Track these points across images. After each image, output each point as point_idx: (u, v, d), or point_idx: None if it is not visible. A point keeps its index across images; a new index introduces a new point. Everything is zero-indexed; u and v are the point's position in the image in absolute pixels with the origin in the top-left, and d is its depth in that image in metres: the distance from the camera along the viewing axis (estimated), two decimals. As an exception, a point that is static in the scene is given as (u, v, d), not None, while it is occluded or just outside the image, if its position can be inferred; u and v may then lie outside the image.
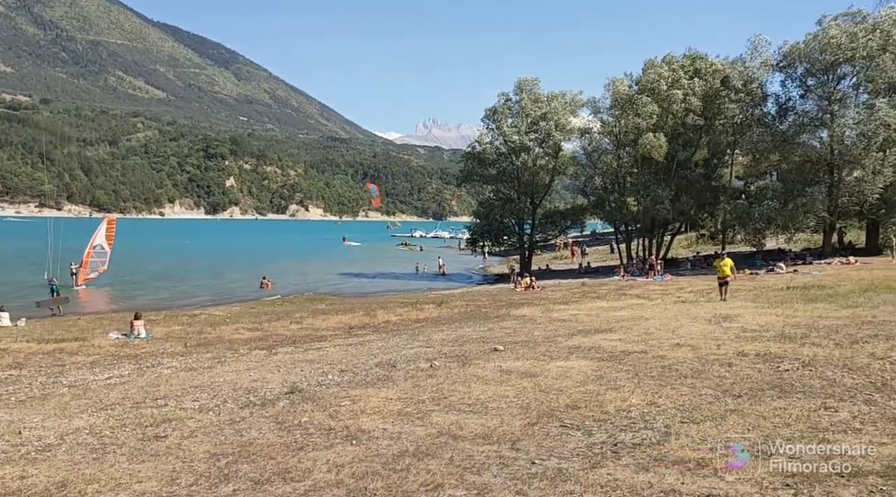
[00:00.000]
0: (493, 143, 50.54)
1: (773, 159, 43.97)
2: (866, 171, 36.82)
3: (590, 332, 15.02)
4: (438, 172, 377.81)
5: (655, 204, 42.67)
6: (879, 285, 22.47)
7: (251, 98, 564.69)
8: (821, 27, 39.02)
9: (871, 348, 10.76)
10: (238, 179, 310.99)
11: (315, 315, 24.59)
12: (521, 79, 50.19)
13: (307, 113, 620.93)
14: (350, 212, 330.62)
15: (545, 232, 53.07)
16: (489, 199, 53.63)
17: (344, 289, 42.92)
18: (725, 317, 16.25)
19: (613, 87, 44.97)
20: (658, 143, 41.24)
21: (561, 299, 26.37)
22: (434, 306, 25.84)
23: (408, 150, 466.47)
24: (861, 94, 38.93)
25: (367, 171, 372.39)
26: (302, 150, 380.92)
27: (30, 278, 40.64)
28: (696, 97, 42.22)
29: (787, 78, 41.45)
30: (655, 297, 25.15)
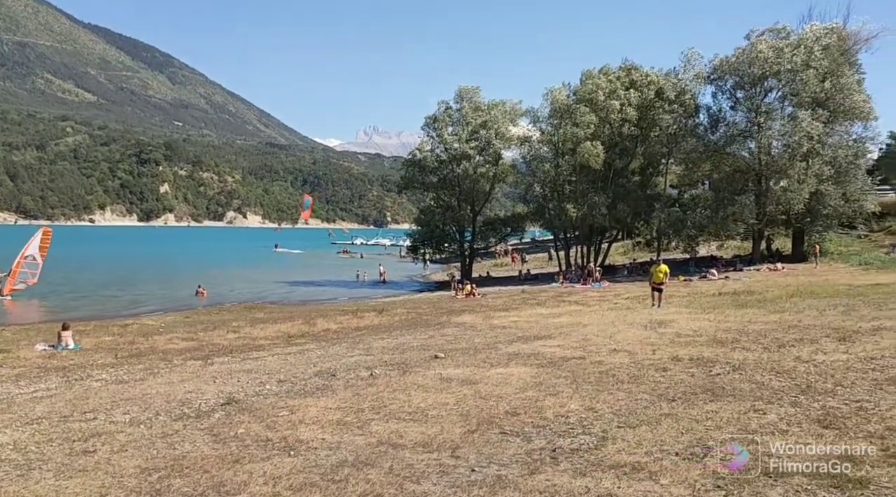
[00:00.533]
0: (434, 151, 50.70)
1: (705, 169, 45.34)
2: (792, 180, 38.27)
3: (529, 338, 15.16)
4: (379, 180, 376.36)
5: (593, 211, 43.47)
6: (804, 291, 23.40)
7: (187, 103, 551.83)
8: (749, 42, 40.51)
9: (797, 352, 11.17)
10: (173, 186, 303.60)
11: (253, 324, 24.15)
12: (462, 87, 50.55)
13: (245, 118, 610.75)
14: (290, 219, 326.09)
15: (486, 239, 53.43)
16: (430, 207, 53.70)
17: (283, 297, 42.26)
18: (661, 322, 16.63)
19: (552, 96, 45.65)
20: (596, 152, 42.04)
21: (501, 306, 26.56)
22: (375, 314, 25.70)
23: (348, 157, 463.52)
24: (786, 107, 40.49)
25: (307, 177, 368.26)
26: (240, 156, 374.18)
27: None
28: (631, 108, 43.23)
29: (717, 90, 42.91)
30: (593, 303, 25.58)
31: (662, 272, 23.02)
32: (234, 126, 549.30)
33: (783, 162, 38.68)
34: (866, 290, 22.38)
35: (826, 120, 38.08)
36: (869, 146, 44.33)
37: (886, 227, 45.13)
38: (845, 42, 41.42)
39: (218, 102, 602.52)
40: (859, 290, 22.57)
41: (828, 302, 19.41)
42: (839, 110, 38.78)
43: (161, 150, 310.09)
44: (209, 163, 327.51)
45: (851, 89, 38.50)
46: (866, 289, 23.05)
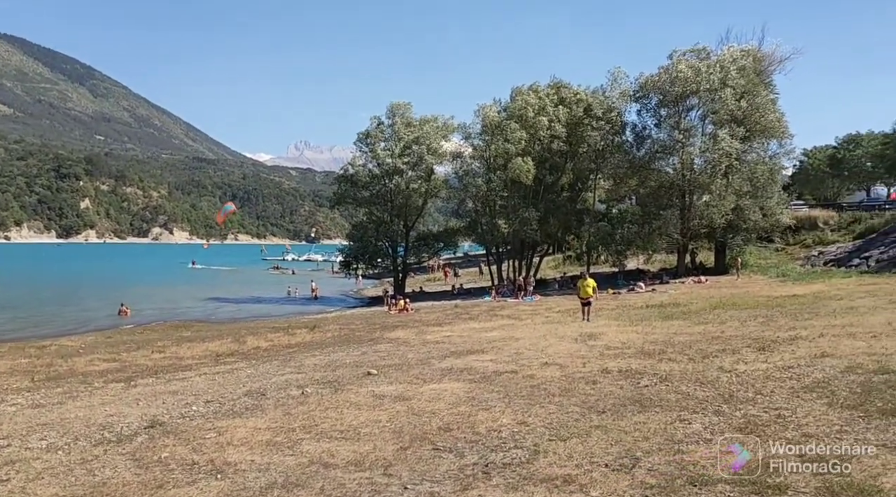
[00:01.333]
0: (367, 166, 50.62)
1: (631, 184, 46.60)
2: (713, 196, 39.72)
3: (462, 353, 15.19)
4: (311, 195, 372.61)
5: (524, 226, 44.10)
6: (726, 303, 24.25)
7: (109, 116, 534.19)
8: (671, 61, 41.96)
9: (720, 362, 11.54)
10: (94, 201, 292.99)
11: (179, 343, 23.42)
12: (394, 103, 50.67)
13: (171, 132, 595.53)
14: (218, 235, 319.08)
15: (419, 254, 53.49)
16: (363, 222, 53.50)
17: (212, 315, 41.19)
18: (591, 335, 16.92)
19: (483, 112, 46.23)
20: (526, 168, 42.72)
21: (434, 321, 26.56)
22: (307, 331, 25.32)
23: (279, 172, 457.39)
24: (707, 125, 42.08)
25: (237, 192, 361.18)
26: (166, 170, 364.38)
27: None
28: (560, 124, 44.16)
29: (642, 108, 44.26)
30: (525, 317, 25.86)
31: (590, 286, 22.79)
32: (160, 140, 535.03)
33: (705, 178, 40.13)
34: (784, 302, 23.33)
35: (743, 137, 39.72)
36: (784, 163, 46.57)
37: (801, 240, 47.26)
38: (760, 63, 43.36)
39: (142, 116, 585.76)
40: (777, 302, 23.51)
41: (748, 313, 20.16)
42: (756, 128, 40.52)
43: (81, 164, 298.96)
44: (133, 177, 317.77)
45: (766, 108, 40.31)
46: (784, 300, 24.04)
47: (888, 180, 64.41)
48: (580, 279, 23.80)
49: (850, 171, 63.46)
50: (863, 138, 63.78)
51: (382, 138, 50.11)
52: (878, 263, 35.94)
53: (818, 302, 22.35)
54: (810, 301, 22.86)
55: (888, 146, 59.45)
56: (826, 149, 67.58)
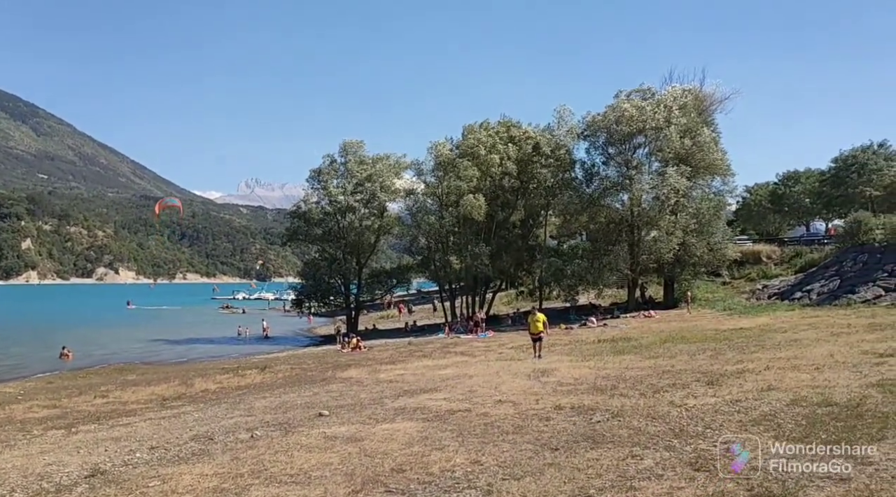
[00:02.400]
0: (319, 203, 50.43)
1: (582, 220, 47.32)
2: (661, 231, 40.60)
3: (416, 392, 15.07)
4: (262, 232, 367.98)
5: (477, 262, 44.33)
6: (676, 337, 24.64)
7: (53, 154, 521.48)
8: (617, 101, 43.10)
9: (671, 397, 11.68)
10: (36, 241, 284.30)
11: (124, 387, 22.70)
12: (346, 141, 50.82)
13: (118, 171, 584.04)
14: (166, 274, 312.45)
15: (372, 291, 53.15)
16: (315, 259, 53.12)
17: (159, 357, 40.10)
18: (543, 371, 16.97)
19: (436, 150, 46.68)
20: (478, 205, 43.13)
21: (388, 359, 26.33)
22: (257, 372, 24.82)
23: (229, 210, 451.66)
24: (654, 162, 43.20)
25: (186, 231, 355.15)
26: (112, 209, 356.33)
27: None
28: (511, 162, 44.82)
29: (590, 146, 45.18)
30: (479, 353, 25.82)
31: (540, 322, 22.14)
32: (106, 178, 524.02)
33: (653, 214, 41.05)
34: (731, 335, 23.83)
35: (689, 175, 40.83)
36: (727, 199, 47.94)
37: (746, 273, 48.46)
38: (702, 103, 44.92)
39: (88, 154, 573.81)
40: (724, 335, 24.00)
41: (697, 346, 20.51)
42: (700, 166, 41.74)
43: (23, 203, 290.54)
44: (77, 217, 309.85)
45: (709, 147, 41.60)
46: (731, 333, 24.55)
47: (826, 216, 66.82)
48: (530, 315, 23.24)
49: (790, 207, 65.61)
50: (801, 176, 66.16)
51: (335, 176, 50.09)
52: (819, 296, 37.07)
53: (764, 335, 22.89)
54: (756, 334, 23.40)
55: (824, 183, 61.86)
56: (767, 186, 69.84)
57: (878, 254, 37.94)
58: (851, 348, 16.93)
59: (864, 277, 36.65)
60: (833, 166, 61.27)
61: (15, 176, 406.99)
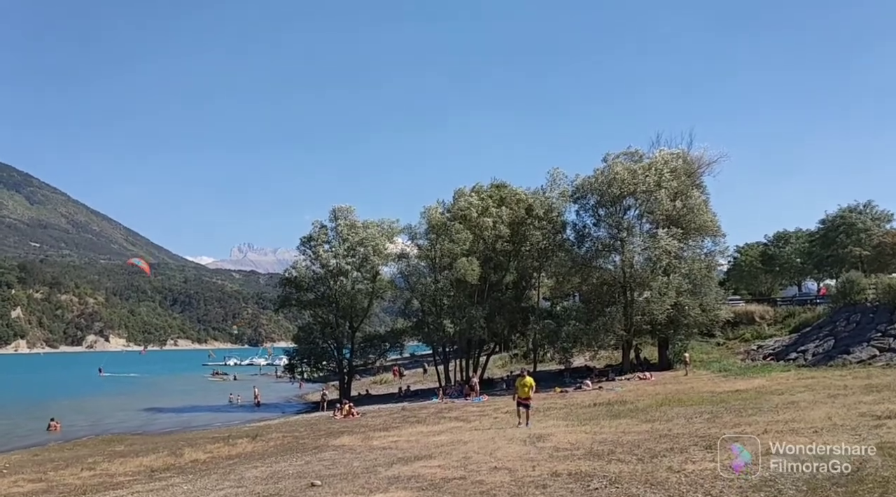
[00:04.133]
0: (311, 268, 50.41)
1: (574, 282, 47.35)
2: (654, 292, 40.58)
3: (410, 459, 14.79)
4: (255, 297, 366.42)
5: (471, 325, 44.16)
6: (672, 399, 24.41)
7: (46, 222, 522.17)
8: (606, 164, 43.71)
9: (669, 462, 11.49)
10: (26, 310, 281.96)
11: (111, 459, 22.22)
12: (337, 207, 51.11)
13: (110, 237, 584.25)
14: (157, 341, 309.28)
15: (365, 356, 52.62)
16: (308, 324, 52.83)
17: (148, 426, 39.49)
18: (539, 436, 16.72)
19: (428, 214, 47.08)
20: (471, 268, 43.27)
21: (381, 425, 25.93)
22: (248, 440, 24.37)
23: (222, 275, 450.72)
24: (644, 224, 43.55)
25: (178, 296, 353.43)
26: (104, 276, 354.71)
27: None
28: (503, 224, 45.20)
29: (581, 208, 45.55)
30: (474, 418, 25.47)
31: (528, 386, 20.55)
32: (98, 245, 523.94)
33: (646, 275, 41.14)
34: (727, 397, 23.62)
35: (680, 237, 41.14)
36: (719, 260, 48.17)
37: (740, 334, 48.31)
38: (691, 165, 45.49)
39: (80, 222, 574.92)
40: (721, 397, 23.79)
41: (694, 409, 20.31)
42: (691, 227, 42.11)
43: (14, 272, 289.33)
44: (69, 284, 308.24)
45: (700, 209, 42.07)
46: (727, 395, 24.34)
47: (817, 276, 67.20)
48: (518, 378, 21.64)
49: (782, 267, 65.94)
50: (791, 236, 66.76)
51: (326, 241, 50.25)
52: (815, 357, 36.93)
53: (760, 397, 22.71)
54: (753, 396, 23.21)
55: (814, 244, 62.47)
56: (757, 246, 70.32)
57: (870, 313, 38.00)
58: (849, 410, 16.80)
59: (858, 337, 36.60)
60: (821, 227, 62.00)
61: (7, 244, 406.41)
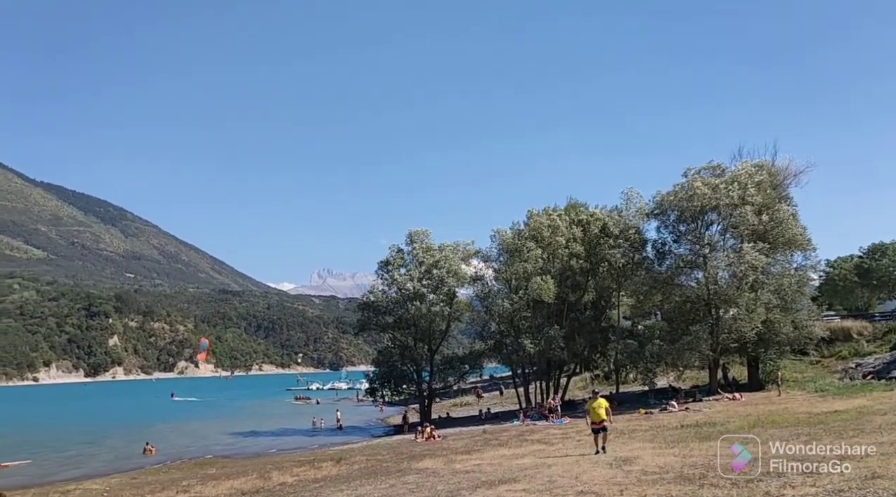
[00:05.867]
0: (388, 292, 50.95)
1: (656, 300, 46.14)
2: (741, 309, 39.09)
3: (494, 483, 14.58)
4: (335, 322, 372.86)
5: (550, 345, 43.57)
6: (765, 420, 23.33)
7: (139, 254, 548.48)
8: (686, 179, 42.60)
9: (766, 486, 10.91)
10: (122, 338, 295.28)
11: (204, 481, 22.86)
12: (413, 231, 51.63)
13: (198, 267, 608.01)
14: (243, 366, 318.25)
15: (444, 378, 52.61)
16: (387, 347, 53.33)
17: (235, 450, 40.51)
18: (625, 459, 16.24)
19: (500, 236, 47.05)
20: (546, 287, 42.83)
21: (463, 449, 25.75)
22: (333, 463, 24.63)
23: (303, 301, 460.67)
24: (728, 239, 42.13)
25: (262, 322, 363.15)
26: (192, 304, 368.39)
27: None
28: (578, 243, 44.63)
29: (661, 224, 44.46)
30: (556, 441, 25.01)
31: (602, 408, 19.01)
32: (187, 275, 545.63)
33: (731, 292, 39.71)
34: (826, 418, 22.41)
35: (767, 251, 39.58)
36: (810, 275, 46.06)
37: (836, 351, 46.01)
38: (776, 178, 43.80)
39: (171, 252, 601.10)
40: (819, 418, 22.59)
41: (790, 431, 19.33)
42: (779, 242, 40.50)
43: (111, 302, 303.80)
44: (161, 312, 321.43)
45: (788, 222, 40.36)
46: (826, 417, 23.10)
47: (919, 289, 63.50)
48: (591, 400, 20.07)
49: (879, 281, 62.62)
50: (888, 247, 63.37)
51: (402, 265, 50.78)
52: (920, 374, 34.77)
53: (862, 417, 21.45)
54: (853, 417, 21.95)
55: (914, 255, 59.17)
56: (851, 259, 67.07)
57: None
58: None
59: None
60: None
61: (105, 276, 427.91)
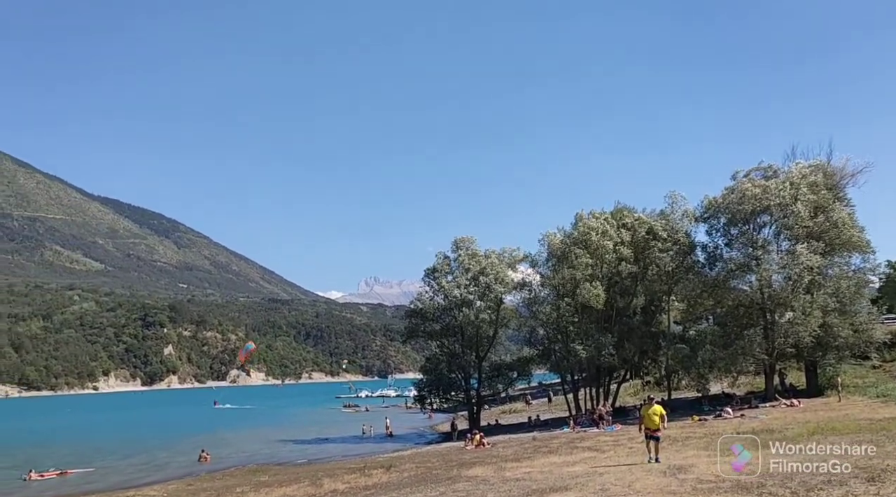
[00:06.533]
0: (435, 299, 51.06)
1: (707, 304, 45.19)
2: (797, 313, 38.00)
3: (545, 490, 14.46)
4: (382, 329, 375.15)
5: (599, 351, 43.04)
6: (825, 427, 22.64)
7: (191, 265, 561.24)
8: (735, 181, 41.67)
9: (827, 495, 10.57)
10: (177, 347, 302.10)
11: (258, 489, 23.22)
12: (458, 238, 51.73)
13: (248, 276, 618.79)
14: (293, 374, 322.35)
15: (492, 385, 52.43)
16: (435, 355, 53.45)
17: (287, 457, 41.11)
18: (680, 467, 15.92)
19: (548, 241, 46.68)
20: (595, 292, 42.34)
21: (513, 456, 25.60)
22: (383, 471, 24.74)
23: (350, 309, 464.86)
24: (782, 241, 41.04)
25: (310, 331, 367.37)
26: (243, 313, 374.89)
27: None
28: (626, 247, 44.03)
29: (711, 228, 43.57)
30: (608, 448, 24.67)
31: (657, 415, 18.54)
32: (238, 284, 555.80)
33: (786, 295, 38.68)
34: (889, 425, 21.65)
35: (823, 252, 38.44)
36: (870, 277, 44.52)
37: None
38: (832, 178, 42.43)
39: (222, 263, 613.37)
40: (882, 425, 21.83)
41: (851, 438, 18.68)
42: (835, 243, 39.28)
43: (166, 312, 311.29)
44: (213, 322, 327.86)
45: (845, 223, 39.07)
46: (888, 423, 22.32)
47: None
48: (644, 406, 19.55)
49: (944, 281, 60.26)
50: (952, 246, 61.11)
51: (448, 272, 50.84)
52: None
53: (928, 423, 20.64)
54: (919, 422, 21.14)
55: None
56: (913, 259, 64.65)
57: None
58: None
59: None
60: None
61: (159, 286, 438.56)
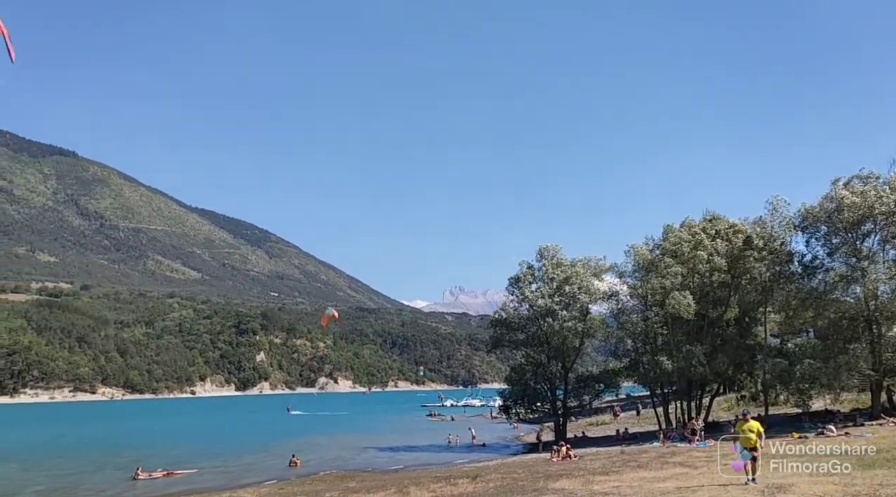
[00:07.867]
0: (519, 309, 50.78)
1: (806, 316, 43.14)
2: (907, 325, 35.81)
3: (634, 507, 14.08)
4: (467, 339, 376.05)
5: (690, 363, 41.71)
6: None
7: (282, 274, 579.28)
8: (833, 188, 39.61)
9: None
10: (268, 354, 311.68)
11: (345, 494, 23.67)
12: (542, 247, 51.37)
13: (336, 286, 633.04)
14: (379, 382, 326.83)
15: (579, 397, 51.61)
16: (521, 365, 53.19)
17: (374, 463, 41.68)
18: (779, 487, 15.24)
19: (635, 251, 45.77)
20: (686, 303, 41.11)
21: (600, 469, 25.11)
22: (468, 480, 24.73)
23: (435, 318, 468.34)
24: (889, 251, 38.78)
25: (396, 339, 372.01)
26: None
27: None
28: (719, 257, 42.57)
29: (810, 237, 41.50)
30: (701, 465, 23.86)
31: (754, 431, 17.43)
32: (326, 293, 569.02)
33: (894, 307, 36.50)
34: None
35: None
36: None
37: None
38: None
39: (311, 272, 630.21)
40: None
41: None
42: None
43: (258, 319, 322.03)
44: (302, 330, 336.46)
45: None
46: None
47: None
48: (740, 422, 18.43)
49: None
50: None
51: (532, 281, 50.47)
52: None
53: None
54: None
55: None
56: None
57: None
58: None
59: None
60: None
61: (252, 295, 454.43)
